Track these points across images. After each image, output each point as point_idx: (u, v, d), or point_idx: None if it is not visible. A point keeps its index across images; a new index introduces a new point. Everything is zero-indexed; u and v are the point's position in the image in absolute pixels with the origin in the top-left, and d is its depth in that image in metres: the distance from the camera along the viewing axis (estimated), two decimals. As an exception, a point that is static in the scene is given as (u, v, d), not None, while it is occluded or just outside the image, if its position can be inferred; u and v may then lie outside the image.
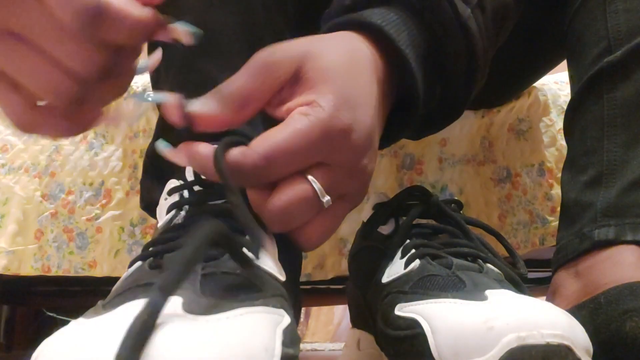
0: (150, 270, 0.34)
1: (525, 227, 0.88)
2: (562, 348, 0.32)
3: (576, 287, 0.48)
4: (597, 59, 0.53)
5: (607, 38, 0.53)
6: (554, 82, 0.95)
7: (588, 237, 0.49)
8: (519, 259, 0.50)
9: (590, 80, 0.53)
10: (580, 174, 0.53)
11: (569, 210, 0.53)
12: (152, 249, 0.37)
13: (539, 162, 0.90)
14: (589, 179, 0.52)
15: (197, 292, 0.31)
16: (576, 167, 0.54)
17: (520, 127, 0.91)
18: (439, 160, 0.91)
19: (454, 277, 0.42)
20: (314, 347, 1.52)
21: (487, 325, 0.33)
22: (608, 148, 0.51)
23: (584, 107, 0.54)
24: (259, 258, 0.35)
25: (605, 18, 0.54)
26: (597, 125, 0.52)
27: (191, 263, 0.27)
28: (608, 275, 0.45)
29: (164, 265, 0.34)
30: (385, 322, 0.42)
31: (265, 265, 0.37)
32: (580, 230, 0.50)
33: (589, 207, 0.50)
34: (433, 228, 0.50)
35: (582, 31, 0.57)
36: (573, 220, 0.52)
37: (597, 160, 0.51)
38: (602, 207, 0.49)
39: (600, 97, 0.52)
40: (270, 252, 0.39)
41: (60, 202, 0.86)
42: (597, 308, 0.43)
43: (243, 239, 0.36)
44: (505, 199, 0.90)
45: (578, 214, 0.51)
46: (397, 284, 0.45)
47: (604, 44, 0.53)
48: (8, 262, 0.82)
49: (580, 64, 0.56)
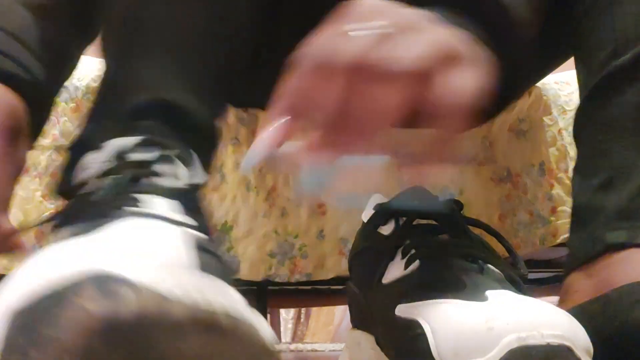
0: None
1: (526, 227, 0.88)
2: (563, 348, 0.32)
3: (589, 285, 0.48)
4: (605, 62, 0.53)
5: (614, 41, 0.53)
6: (555, 82, 0.95)
7: (600, 240, 0.49)
8: (519, 260, 0.50)
9: (599, 84, 0.53)
10: (591, 178, 0.53)
11: (581, 214, 0.53)
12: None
13: (539, 162, 0.90)
14: (600, 182, 0.52)
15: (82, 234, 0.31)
16: (587, 171, 0.54)
17: (520, 127, 0.91)
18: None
19: (454, 278, 0.42)
20: (314, 348, 1.52)
21: (488, 326, 0.33)
22: (618, 151, 0.51)
23: (593, 111, 0.54)
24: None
25: (612, 21, 0.54)
26: (607, 129, 0.52)
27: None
28: (621, 275, 0.46)
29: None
30: (386, 323, 0.42)
31: (161, 212, 0.35)
32: (593, 233, 0.50)
33: (601, 210, 0.50)
34: (433, 228, 0.50)
35: (589, 34, 0.57)
36: (585, 223, 0.52)
37: (608, 163, 0.51)
38: (614, 211, 0.49)
39: (609, 101, 0.52)
40: None
41: (60, 202, 0.86)
42: (608, 302, 0.43)
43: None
44: (505, 199, 0.90)
45: (590, 217, 0.51)
46: (397, 284, 0.45)
47: (611, 47, 0.53)
48: (9, 262, 0.82)
49: (588, 67, 0.56)
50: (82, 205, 0.39)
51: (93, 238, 0.28)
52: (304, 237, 0.85)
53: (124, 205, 0.35)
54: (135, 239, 0.28)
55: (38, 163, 0.87)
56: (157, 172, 0.41)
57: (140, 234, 0.29)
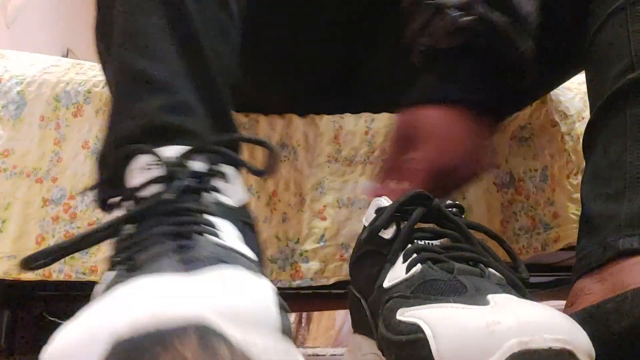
0: (128, 273, 0.35)
1: (528, 232, 0.88)
2: (565, 353, 0.32)
3: (601, 289, 0.48)
4: (619, 76, 0.54)
5: (629, 56, 0.54)
6: (557, 88, 0.95)
7: (612, 246, 0.49)
8: (520, 263, 0.50)
9: (612, 97, 0.54)
10: (603, 187, 0.53)
11: (591, 222, 0.54)
12: (123, 256, 0.37)
13: (541, 168, 0.90)
14: (612, 191, 0.52)
15: (179, 269, 0.31)
16: (599, 181, 0.54)
17: (522, 134, 0.91)
18: (441, 165, 0.90)
19: (455, 282, 0.42)
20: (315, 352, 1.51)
21: (489, 330, 0.33)
22: (631, 162, 0.51)
23: (606, 122, 0.55)
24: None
25: (628, 36, 0.55)
26: (620, 140, 0.53)
27: None
28: (636, 277, 0.46)
29: (139, 265, 0.34)
30: (387, 327, 0.42)
31: (238, 246, 0.38)
32: (604, 239, 0.50)
33: (613, 218, 0.51)
34: (435, 232, 0.50)
35: (604, 49, 0.58)
36: (596, 230, 0.52)
37: (620, 173, 0.52)
38: (626, 218, 0.50)
39: (623, 112, 0.53)
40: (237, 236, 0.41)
41: (61, 207, 0.86)
42: (623, 300, 0.43)
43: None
44: (508, 204, 0.89)
45: (601, 224, 0.52)
46: (398, 288, 0.45)
47: (626, 61, 0.54)
48: (9, 266, 0.82)
49: (602, 80, 0.57)
50: (153, 214, 0.40)
51: (194, 280, 0.28)
52: (305, 243, 0.85)
53: (203, 231, 0.37)
54: (234, 292, 0.28)
55: (39, 168, 0.87)
56: (217, 187, 0.42)
57: (238, 286, 0.29)
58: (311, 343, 2.64)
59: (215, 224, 0.39)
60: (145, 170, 0.43)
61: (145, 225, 0.39)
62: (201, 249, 0.35)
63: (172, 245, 0.35)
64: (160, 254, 0.34)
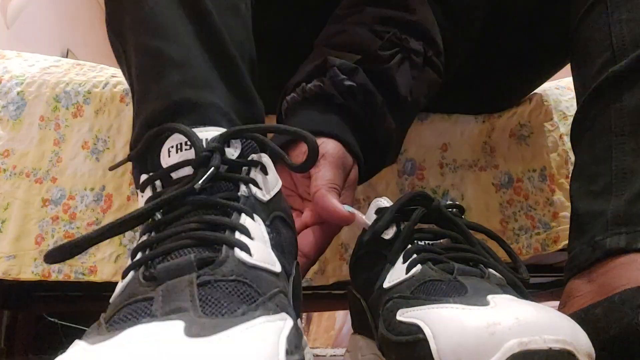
0: (145, 283, 0.34)
1: (527, 232, 0.88)
2: (565, 353, 0.32)
3: (591, 289, 0.48)
4: (602, 68, 0.53)
5: (611, 47, 0.53)
6: (555, 88, 0.95)
7: (600, 245, 0.49)
8: (520, 264, 0.50)
9: (596, 90, 0.53)
10: (589, 184, 0.53)
11: (580, 220, 0.53)
12: (142, 256, 0.37)
13: (540, 168, 0.90)
14: (598, 188, 0.52)
15: (197, 312, 0.31)
16: (585, 177, 0.54)
17: (521, 132, 0.91)
18: (440, 166, 0.91)
19: (455, 282, 0.42)
20: (315, 353, 1.51)
21: (489, 331, 0.33)
22: (617, 157, 0.51)
23: (591, 117, 0.54)
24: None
25: (609, 27, 0.54)
26: (605, 135, 0.52)
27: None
28: (623, 278, 0.46)
29: (158, 277, 0.34)
30: (387, 328, 0.42)
31: (258, 260, 0.37)
32: (592, 239, 0.50)
33: (600, 215, 0.50)
34: (435, 233, 0.50)
35: (586, 40, 0.57)
36: (584, 229, 0.52)
37: (607, 169, 0.51)
38: (613, 216, 0.49)
39: (607, 106, 0.53)
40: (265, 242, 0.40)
41: (61, 207, 0.86)
42: (611, 306, 0.43)
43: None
44: (507, 204, 0.89)
45: (589, 222, 0.52)
46: (398, 289, 0.45)
47: (608, 53, 0.53)
48: (8, 267, 0.82)
49: (585, 73, 0.56)
50: (181, 204, 0.40)
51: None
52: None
53: (233, 244, 0.37)
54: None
55: (39, 168, 0.87)
56: (254, 180, 0.42)
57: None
58: (311, 344, 2.64)
59: (248, 229, 0.38)
60: (179, 151, 0.42)
61: (171, 216, 0.39)
62: (223, 274, 0.34)
63: (192, 258, 0.35)
64: (177, 287, 0.33)
